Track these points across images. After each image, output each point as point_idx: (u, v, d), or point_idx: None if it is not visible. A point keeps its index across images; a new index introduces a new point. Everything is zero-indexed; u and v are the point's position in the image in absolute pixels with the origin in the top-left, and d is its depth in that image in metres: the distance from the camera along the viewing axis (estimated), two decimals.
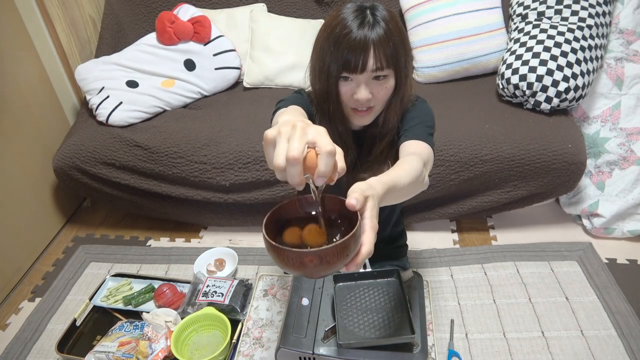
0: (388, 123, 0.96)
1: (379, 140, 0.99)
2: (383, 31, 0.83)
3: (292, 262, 0.55)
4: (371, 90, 0.89)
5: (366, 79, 0.87)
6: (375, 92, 0.89)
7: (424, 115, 0.99)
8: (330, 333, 0.89)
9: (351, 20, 0.84)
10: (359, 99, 0.88)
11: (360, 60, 0.84)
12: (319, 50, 0.90)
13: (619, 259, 1.58)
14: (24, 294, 1.65)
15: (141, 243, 1.85)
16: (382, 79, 0.88)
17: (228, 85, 1.95)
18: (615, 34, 1.69)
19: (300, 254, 0.54)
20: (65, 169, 1.67)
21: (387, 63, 0.85)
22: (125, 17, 2.02)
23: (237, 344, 1.03)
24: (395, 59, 0.87)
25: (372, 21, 0.83)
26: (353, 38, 0.83)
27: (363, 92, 0.88)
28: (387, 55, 0.85)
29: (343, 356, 0.85)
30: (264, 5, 2.01)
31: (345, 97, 0.91)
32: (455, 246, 1.69)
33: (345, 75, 0.88)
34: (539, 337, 1.31)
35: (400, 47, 0.87)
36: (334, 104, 0.92)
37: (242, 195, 1.65)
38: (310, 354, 0.86)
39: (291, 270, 0.57)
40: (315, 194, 0.61)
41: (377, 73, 0.86)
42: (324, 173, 0.54)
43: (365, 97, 0.88)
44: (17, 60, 1.72)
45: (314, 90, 0.96)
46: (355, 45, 0.83)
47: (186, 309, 1.26)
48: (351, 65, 0.85)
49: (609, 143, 1.65)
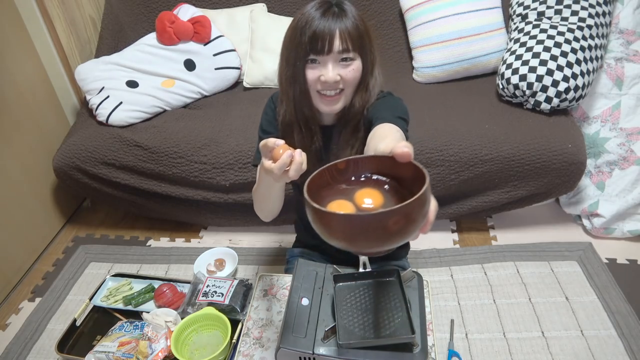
0: (352, 108, 0.96)
1: (343, 128, 0.99)
2: (349, 19, 0.86)
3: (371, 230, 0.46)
4: (339, 72, 0.89)
5: (333, 61, 0.88)
6: (343, 73, 0.90)
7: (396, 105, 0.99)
8: (330, 333, 0.89)
9: (315, 11, 0.87)
10: (327, 79, 0.89)
11: (327, 41, 0.86)
12: (287, 42, 0.92)
13: (619, 259, 1.58)
14: (24, 294, 1.65)
15: (141, 243, 1.85)
16: (349, 61, 0.89)
17: (228, 85, 1.95)
18: (615, 34, 1.69)
19: (383, 215, 0.44)
20: (65, 169, 1.67)
21: (353, 45, 0.87)
22: (125, 17, 2.02)
23: (237, 344, 1.03)
24: (362, 44, 0.89)
25: (337, 11, 0.87)
26: (317, 24, 0.86)
27: (330, 72, 0.88)
28: (354, 38, 0.87)
29: (343, 356, 0.85)
30: (264, 5, 2.01)
31: (312, 81, 0.91)
32: (455, 246, 1.69)
33: (313, 58, 0.89)
34: (539, 337, 1.31)
35: (365, 36, 0.89)
36: (300, 87, 0.93)
37: (242, 195, 1.65)
38: (310, 354, 0.86)
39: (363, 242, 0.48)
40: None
41: (343, 55, 0.88)
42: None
43: (333, 77, 0.88)
44: (17, 60, 1.72)
45: (281, 80, 0.97)
46: (321, 30, 0.85)
47: (186, 309, 1.26)
48: (317, 46, 0.86)
49: (609, 143, 1.65)
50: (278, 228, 1.82)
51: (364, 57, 0.91)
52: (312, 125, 1.00)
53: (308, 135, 1.01)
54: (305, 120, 0.99)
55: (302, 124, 0.99)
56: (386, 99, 1.00)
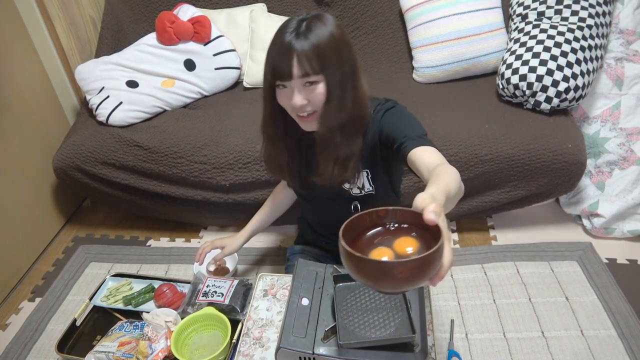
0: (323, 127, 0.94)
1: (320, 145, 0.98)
2: (309, 41, 0.84)
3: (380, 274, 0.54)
4: (306, 96, 0.89)
5: (298, 85, 0.88)
6: (310, 97, 0.89)
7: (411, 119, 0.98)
8: (330, 333, 0.89)
9: (288, 27, 0.86)
10: (294, 105, 0.89)
11: (286, 67, 0.85)
12: (266, 56, 0.91)
13: (619, 259, 1.58)
14: (24, 294, 1.65)
15: (141, 243, 1.85)
16: (314, 84, 0.88)
17: (228, 85, 1.95)
18: (615, 34, 1.69)
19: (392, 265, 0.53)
20: (65, 169, 1.67)
21: (312, 69, 0.85)
22: (125, 17, 2.02)
23: (237, 344, 1.03)
24: (324, 64, 0.86)
25: (303, 30, 0.85)
26: (279, 46, 0.86)
27: (297, 97, 0.88)
28: (312, 61, 0.85)
29: (343, 356, 0.85)
30: (264, 5, 2.01)
31: (284, 104, 0.92)
32: (455, 246, 1.69)
33: (281, 83, 0.89)
34: (539, 337, 1.31)
35: (332, 53, 0.87)
36: (270, 107, 0.95)
37: (242, 195, 1.65)
38: (310, 354, 0.86)
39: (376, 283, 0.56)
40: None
41: (304, 79, 0.87)
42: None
43: (299, 102, 0.88)
44: (17, 60, 1.72)
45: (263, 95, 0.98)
46: (281, 53, 0.85)
47: (186, 309, 1.26)
48: (279, 72, 0.87)
49: (609, 143, 1.65)
50: (278, 228, 1.82)
51: (331, 76, 0.88)
52: (277, 144, 1.03)
53: (292, 146, 1.03)
54: (270, 138, 1.02)
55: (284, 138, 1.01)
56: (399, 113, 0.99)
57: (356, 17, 2.00)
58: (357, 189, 1.07)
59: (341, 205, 1.09)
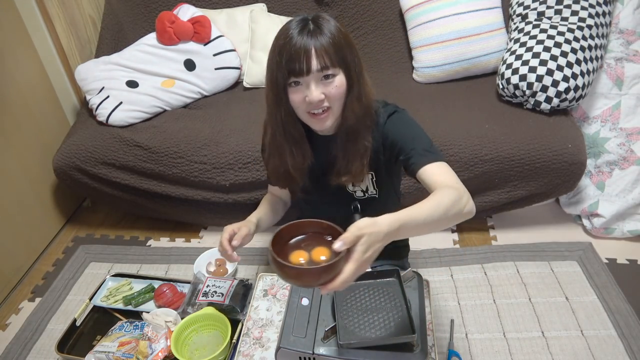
0: (347, 121, 0.95)
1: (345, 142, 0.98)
2: (324, 36, 0.85)
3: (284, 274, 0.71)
4: (322, 91, 0.89)
5: (315, 80, 0.88)
6: (327, 91, 0.89)
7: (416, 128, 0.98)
8: (330, 333, 0.89)
9: (293, 29, 0.86)
10: (311, 100, 0.88)
11: (304, 63, 0.85)
12: (269, 62, 0.91)
13: (619, 259, 1.58)
14: (24, 294, 1.65)
15: (141, 243, 1.85)
16: (331, 77, 0.88)
17: (228, 85, 1.95)
18: (615, 34, 1.69)
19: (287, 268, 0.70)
20: (65, 169, 1.67)
21: (331, 62, 0.86)
22: (125, 17, 2.02)
23: (237, 344, 1.03)
24: (341, 57, 0.88)
25: (313, 28, 0.86)
26: (293, 43, 0.85)
27: (314, 92, 0.88)
28: (331, 54, 0.86)
29: (343, 356, 0.85)
30: (264, 5, 2.01)
31: (298, 103, 0.91)
32: (455, 246, 1.69)
33: (294, 80, 0.88)
34: (538, 337, 1.31)
35: (345, 47, 0.88)
36: (285, 110, 0.93)
37: (242, 195, 1.65)
38: (310, 354, 0.86)
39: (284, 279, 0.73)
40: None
41: (323, 72, 0.87)
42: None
43: (317, 97, 0.88)
44: (17, 60, 1.72)
45: (267, 101, 0.97)
46: (298, 50, 0.85)
47: (186, 309, 1.26)
48: (296, 69, 0.86)
49: (609, 143, 1.65)
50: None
51: (347, 70, 0.90)
52: (302, 145, 1.00)
53: (299, 155, 1.01)
54: (294, 140, 0.99)
55: (292, 145, 0.99)
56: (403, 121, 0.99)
57: (356, 17, 2.00)
58: (360, 191, 1.07)
59: (343, 207, 1.09)
